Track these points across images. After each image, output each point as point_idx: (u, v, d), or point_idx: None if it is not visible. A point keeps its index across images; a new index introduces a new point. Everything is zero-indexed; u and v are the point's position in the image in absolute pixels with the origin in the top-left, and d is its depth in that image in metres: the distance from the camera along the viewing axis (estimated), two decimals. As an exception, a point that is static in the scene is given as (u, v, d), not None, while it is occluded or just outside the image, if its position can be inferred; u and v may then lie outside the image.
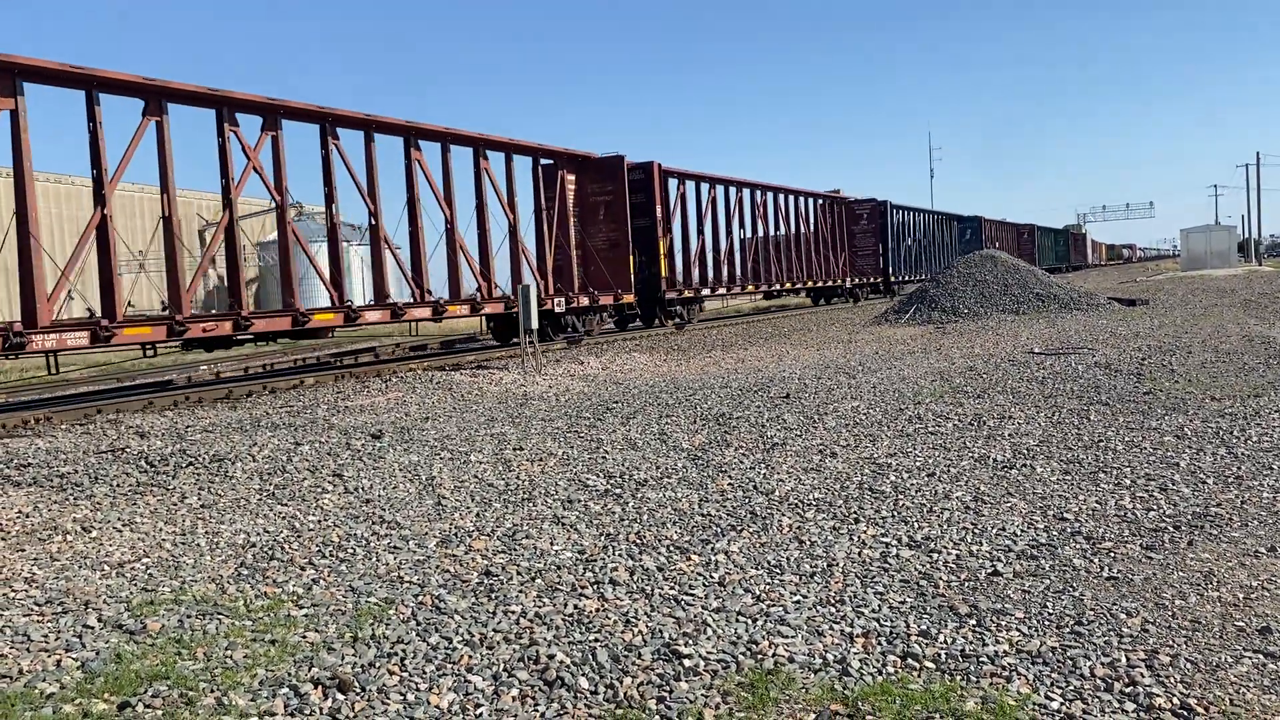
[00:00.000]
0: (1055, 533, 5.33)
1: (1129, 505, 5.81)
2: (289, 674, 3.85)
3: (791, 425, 9.05)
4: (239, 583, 5.09)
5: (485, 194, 19.12)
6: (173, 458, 8.47)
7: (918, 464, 7.19)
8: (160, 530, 6.27)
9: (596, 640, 4.07)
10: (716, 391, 11.73)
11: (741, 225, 30.20)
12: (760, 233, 31.58)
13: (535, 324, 16.51)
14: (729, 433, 8.84)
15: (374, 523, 6.23)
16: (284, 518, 6.47)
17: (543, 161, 21.38)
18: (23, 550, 5.92)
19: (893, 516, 5.80)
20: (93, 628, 4.46)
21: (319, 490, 7.24)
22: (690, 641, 4.00)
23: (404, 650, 4.05)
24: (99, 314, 13.00)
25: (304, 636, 4.26)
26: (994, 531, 5.39)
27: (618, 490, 6.81)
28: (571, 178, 22.05)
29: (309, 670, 3.87)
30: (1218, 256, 56.11)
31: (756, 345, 19.03)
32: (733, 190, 29.63)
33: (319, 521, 6.33)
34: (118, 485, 7.60)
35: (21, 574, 5.39)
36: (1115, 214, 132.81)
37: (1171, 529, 5.30)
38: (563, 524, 5.98)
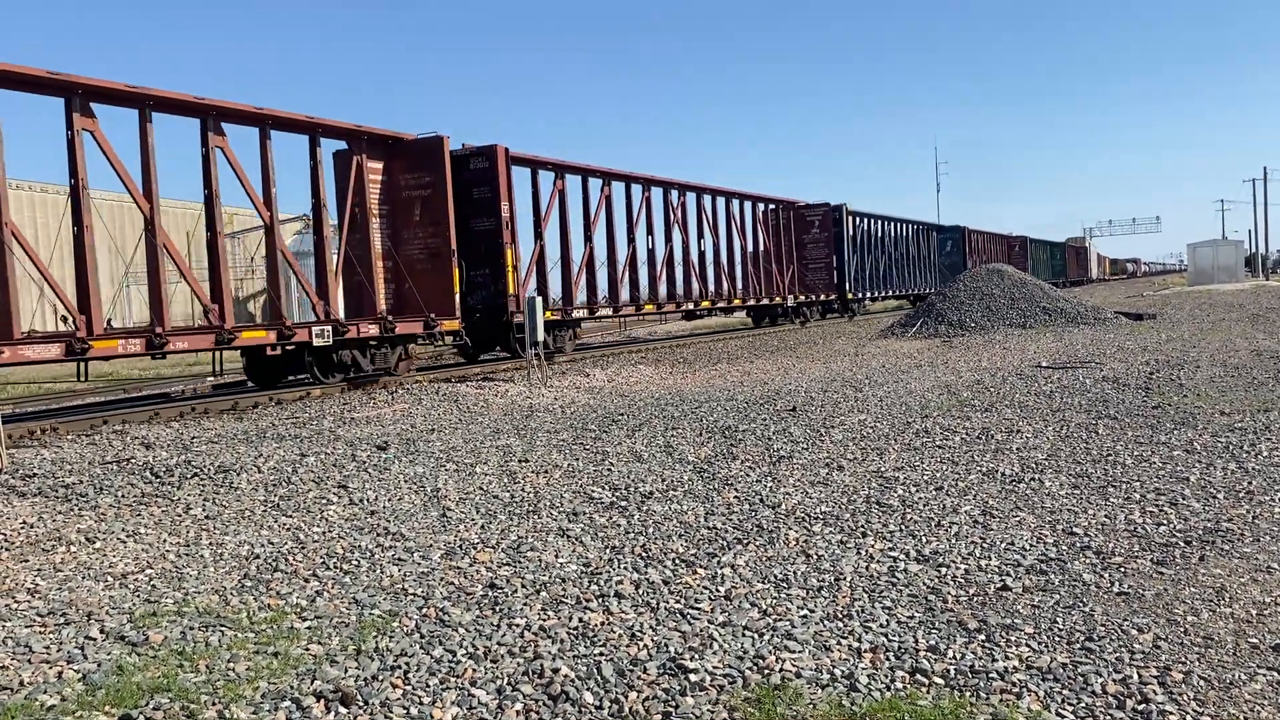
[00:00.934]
0: (1065, 547, 5.28)
1: (1139, 520, 5.76)
2: (291, 687, 3.81)
3: (798, 438, 9.01)
4: (242, 594, 5.06)
5: (217, 184, 13.83)
6: (178, 468, 8.45)
7: (925, 478, 7.14)
8: (164, 541, 6.25)
9: (601, 654, 4.04)
10: (722, 404, 11.69)
11: (651, 232, 24.85)
12: (680, 241, 26.42)
13: (541, 335, 16.51)
14: (735, 445, 8.80)
15: (379, 534, 6.20)
16: (288, 529, 6.45)
17: (325, 141, 15.73)
18: (26, 561, 5.90)
19: (900, 530, 5.75)
20: (95, 639, 4.43)
21: (324, 501, 7.22)
22: (696, 656, 3.96)
23: (407, 663, 4.02)
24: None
25: (307, 649, 4.23)
26: (1003, 546, 5.35)
27: (623, 503, 6.78)
28: (376, 166, 16.72)
29: (311, 683, 3.84)
30: (1225, 271, 55.95)
31: (763, 358, 18.99)
32: (637, 189, 24.26)
33: (323, 533, 6.31)
34: (122, 496, 7.59)
35: (24, 585, 5.37)
36: (1121, 228, 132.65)
37: (1182, 544, 5.25)
38: (568, 536, 5.94)
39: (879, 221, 41.19)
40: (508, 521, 6.40)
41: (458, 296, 17.39)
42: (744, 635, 4.18)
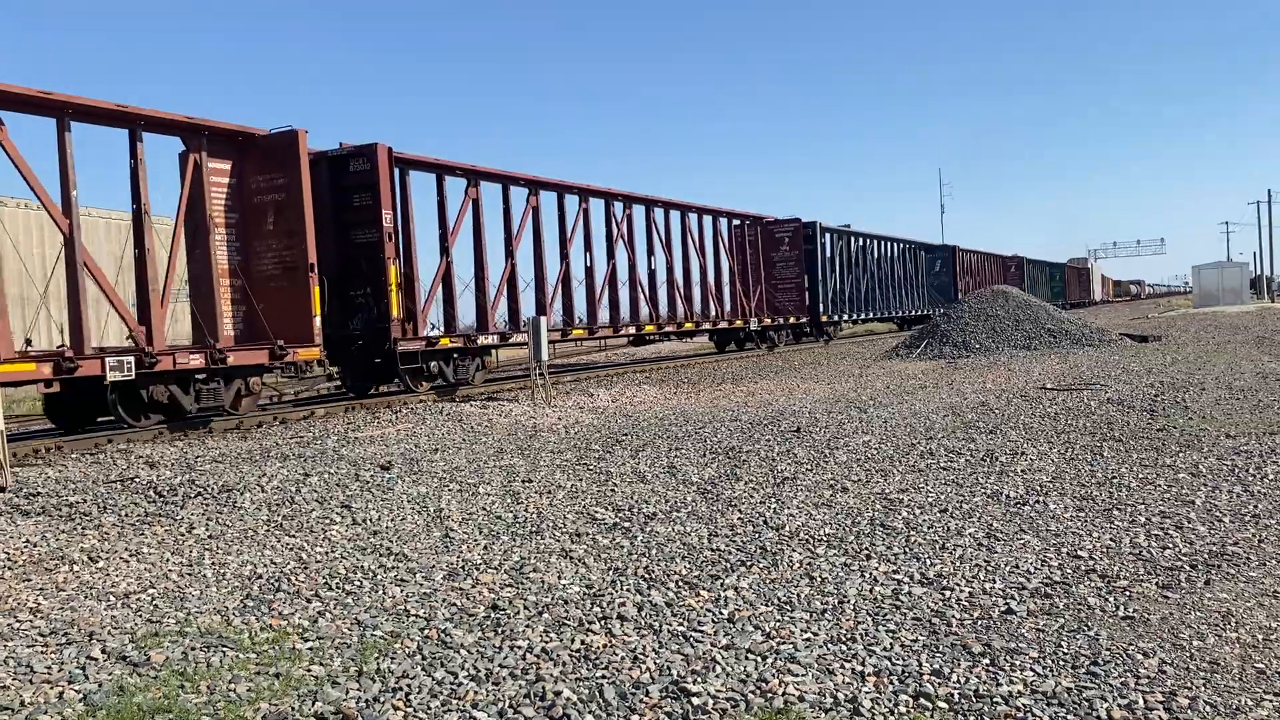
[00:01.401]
0: (1069, 570, 5.26)
1: (1144, 543, 5.73)
2: (293, 708, 3.80)
3: (802, 459, 9.00)
4: (244, 614, 5.06)
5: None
6: (181, 488, 8.46)
7: (930, 500, 7.12)
8: (167, 560, 6.24)
9: (604, 677, 4.02)
10: (726, 425, 11.68)
11: (589, 249, 22.09)
12: (625, 259, 23.56)
13: (545, 355, 16.52)
14: (739, 466, 8.79)
15: (381, 555, 6.19)
16: (291, 549, 6.44)
17: (165, 139, 13.35)
18: (29, 580, 5.90)
19: (905, 553, 5.73)
20: (96, 659, 4.43)
21: (327, 521, 7.21)
22: (699, 679, 3.95)
23: (409, 685, 4.01)
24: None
25: (308, 670, 4.22)
26: (1007, 569, 5.33)
27: (626, 524, 6.76)
28: (221, 166, 13.82)
29: (313, 704, 3.83)
30: (1230, 293, 55.87)
31: (767, 378, 18.99)
32: (573, 200, 21.56)
33: (326, 553, 6.30)
34: (126, 515, 7.59)
35: (27, 604, 5.36)
36: (1126, 250, 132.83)
37: (1188, 568, 5.23)
38: (570, 558, 5.93)
39: (859, 239, 38.74)
40: (510, 542, 6.39)
41: (317, 320, 14.17)
42: (747, 658, 4.17)
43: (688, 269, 26.40)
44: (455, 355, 17.80)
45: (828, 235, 35.33)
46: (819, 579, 5.28)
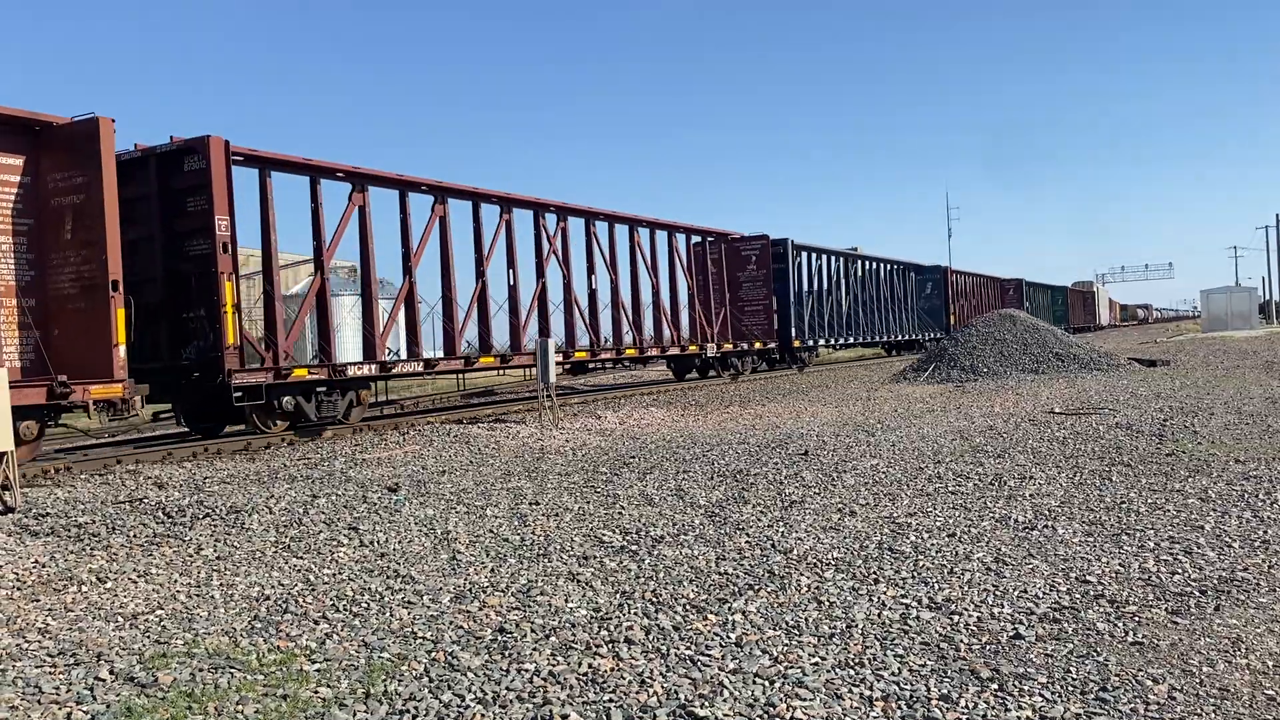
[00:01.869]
0: (1078, 595, 5.24)
1: (1153, 568, 5.71)
2: (300, 730, 3.80)
3: (810, 483, 8.99)
4: (252, 636, 5.06)
5: None
6: (190, 509, 8.48)
7: (938, 524, 7.11)
8: (175, 581, 6.25)
9: (611, 700, 4.01)
10: (734, 447, 11.68)
11: (513, 266, 19.65)
12: (560, 278, 21.29)
13: (553, 378, 16.55)
14: (746, 490, 8.78)
15: (388, 577, 6.20)
16: (299, 570, 6.45)
17: None
18: (37, 600, 5.91)
19: (913, 577, 5.72)
20: (104, 680, 4.43)
21: (334, 543, 7.22)
22: (706, 703, 3.94)
23: (416, 708, 4.00)
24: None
25: (316, 692, 4.22)
26: (1015, 593, 5.31)
27: (634, 547, 6.76)
28: (12, 162, 11.47)
29: (320, 727, 3.83)
30: (1239, 318, 55.76)
31: (775, 401, 18.98)
32: (491, 210, 19.11)
33: (334, 575, 6.31)
34: (134, 536, 7.61)
35: (35, 624, 5.38)
36: (1134, 274, 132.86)
37: (1197, 593, 5.20)
38: (578, 581, 5.93)
39: (837, 258, 36.58)
40: (518, 565, 6.39)
41: (121, 350, 11.51)
42: (755, 682, 4.16)
43: (636, 290, 24.07)
44: (320, 389, 15.21)
45: (802, 254, 33.12)
46: (827, 603, 5.27)
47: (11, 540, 7.57)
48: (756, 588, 5.61)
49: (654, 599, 5.47)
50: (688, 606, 5.30)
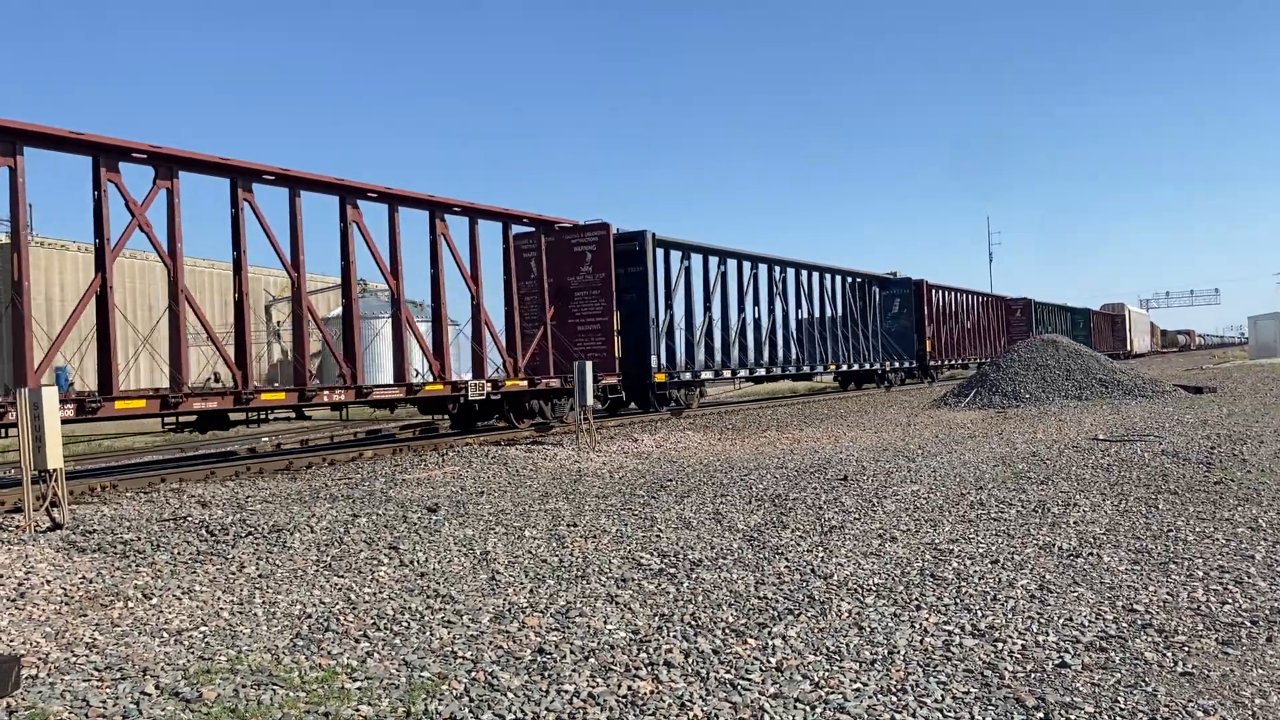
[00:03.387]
0: (1125, 624, 5.16)
1: (1202, 598, 5.60)
2: (341, 747, 3.82)
3: (850, 508, 8.92)
4: (294, 653, 5.10)
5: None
6: (233, 527, 8.57)
7: (980, 550, 7.03)
8: (219, 599, 6.32)
9: (651, 723, 4.00)
10: (772, 472, 11.62)
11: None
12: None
13: (590, 399, 16.58)
14: (785, 514, 8.73)
15: (428, 596, 6.22)
16: (340, 589, 6.49)
17: None
18: (85, 615, 6.00)
19: (955, 604, 5.65)
20: (150, 694, 4.49)
21: (375, 562, 7.27)
22: (747, 727, 3.91)
23: (456, 727, 4.01)
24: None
25: (357, 710, 4.24)
26: (1061, 621, 5.23)
27: (672, 570, 6.74)
28: None
29: (361, 744, 3.85)
30: (1288, 344, 54.67)
31: (813, 426, 18.87)
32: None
33: (374, 594, 6.34)
34: (178, 553, 7.70)
35: (83, 639, 5.46)
36: (1180, 299, 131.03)
37: (1249, 624, 5.10)
38: (616, 603, 5.92)
39: (754, 264, 27.55)
40: (556, 586, 6.39)
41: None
42: (795, 708, 4.12)
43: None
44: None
45: (672, 254, 24.05)
46: (868, 629, 5.22)
47: (60, 556, 7.70)
48: (796, 612, 5.57)
49: (693, 622, 5.44)
50: (727, 630, 5.28)
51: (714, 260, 25.99)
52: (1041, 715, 3.97)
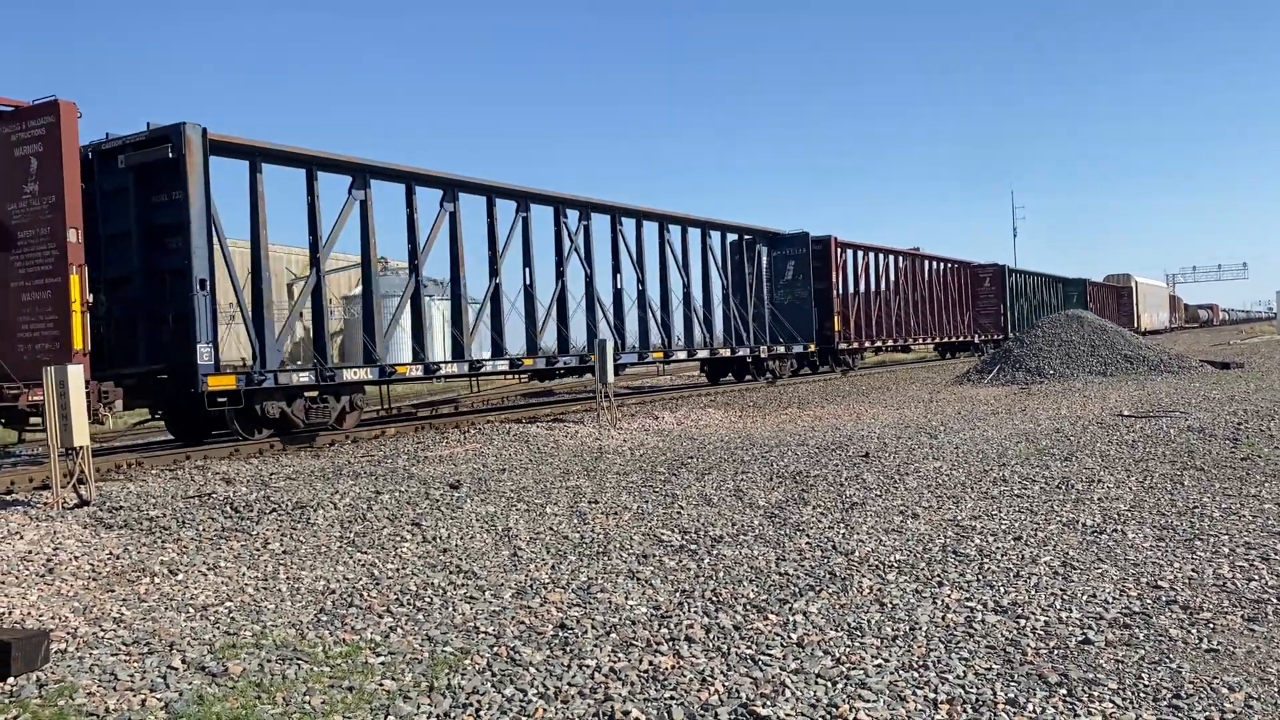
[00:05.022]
0: (1149, 601, 5.12)
1: (1228, 575, 5.56)
2: (365, 721, 3.86)
3: (871, 485, 8.90)
4: (318, 628, 5.14)
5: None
6: (257, 504, 8.64)
7: (1003, 527, 6.99)
8: (243, 575, 6.38)
9: (672, 698, 4.01)
10: (793, 449, 11.60)
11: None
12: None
13: (611, 377, 16.58)
14: (806, 491, 8.72)
15: (451, 572, 6.26)
16: (363, 565, 6.54)
17: None
18: (112, 591, 6.07)
19: (977, 580, 5.63)
20: (177, 669, 4.54)
21: (398, 539, 7.31)
22: (768, 702, 3.92)
23: (479, 701, 4.04)
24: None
25: (381, 684, 4.28)
26: (1084, 598, 5.20)
27: (693, 546, 6.75)
28: None
29: (385, 718, 3.89)
30: (1317, 319, 53.91)
31: (834, 403, 18.82)
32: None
33: (397, 570, 6.39)
34: (203, 530, 7.78)
35: (111, 614, 5.52)
36: (1207, 274, 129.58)
37: (1275, 600, 5.05)
38: (638, 579, 5.93)
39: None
40: (578, 562, 6.41)
41: None
42: (817, 683, 4.12)
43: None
44: None
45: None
46: (890, 605, 5.21)
47: (87, 532, 7.79)
48: (818, 588, 5.57)
49: (714, 598, 5.45)
50: (748, 606, 5.28)
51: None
52: (1065, 692, 3.95)
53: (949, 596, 5.32)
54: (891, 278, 34.26)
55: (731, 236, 25.95)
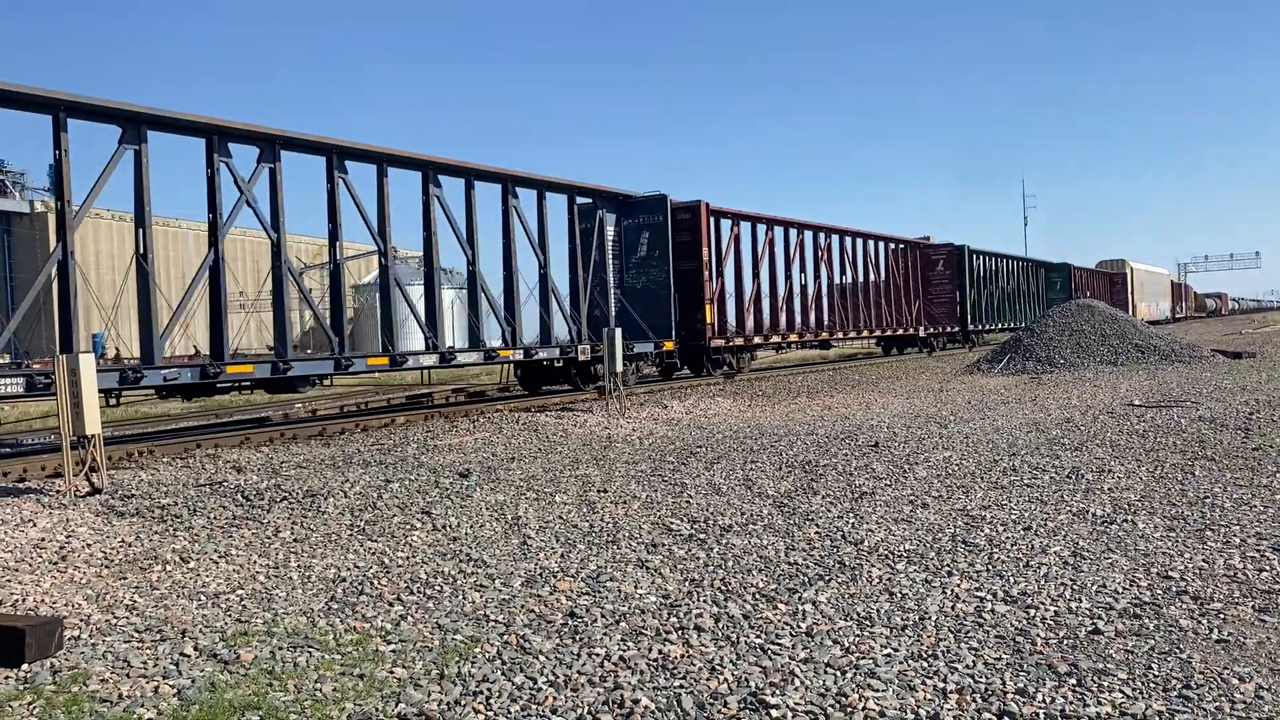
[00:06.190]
0: (1160, 591, 5.11)
1: (1239, 565, 5.54)
2: (376, 709, 3.88)
3: (880, 474, 8.89)
4: (329, 616, 5.17)
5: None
6: (267, 492, 8.68)
7: (1013, 517, 6.98)
8: (254, 562, 6.41)
9: (681, 686, 4.02)
10: (802, 438, 11.60)
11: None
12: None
13: (620, 367, 16.58)
14: (815, 480, 8.72)
15: (461, 560, 6.28)
16: (374, 553, 6.57)
17: None
18: (125, 578, 6.11)
19: (987, 570, 5.63)
20: (189, 656, 4.57)
21: (408, 527, 7.34)
22: (777, 691, 3.92)
23: (489, 689, 4.06)
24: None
25: (391, 672, 4.30)
26: (1094, 588, 5.19)
27: (702, 535, 6.76)
28: None
29: (396, 705, 3.90)
30: (1330, 308, 53.37)
31: (843, 392, 18.80)
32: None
33: (407, 558, 6.41)
34: (215, 518, 7.81)
35: (123, 601, 5.56)
36: (1218, 264, 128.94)
37: (1286, 591, 5.04)
38: (647, 568, 5.94)
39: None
40: (587, 551, 6.43)
41: None
42: (826, 672, 4.13)
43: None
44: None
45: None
46: (899, 594, 5.21)
47: (99, 520, 7.83)
48: (827, 578, 5.57)
49: (723, 587, 5.46)
50: (757, 595, 5.29)
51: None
52: (1074, 681, 3.95)
53: (958, 586, 5.32)
54: (806, 258, 27.98)
55: (582, 200, 20.55)
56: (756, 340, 25.37)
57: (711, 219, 23.54)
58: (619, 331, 16.89)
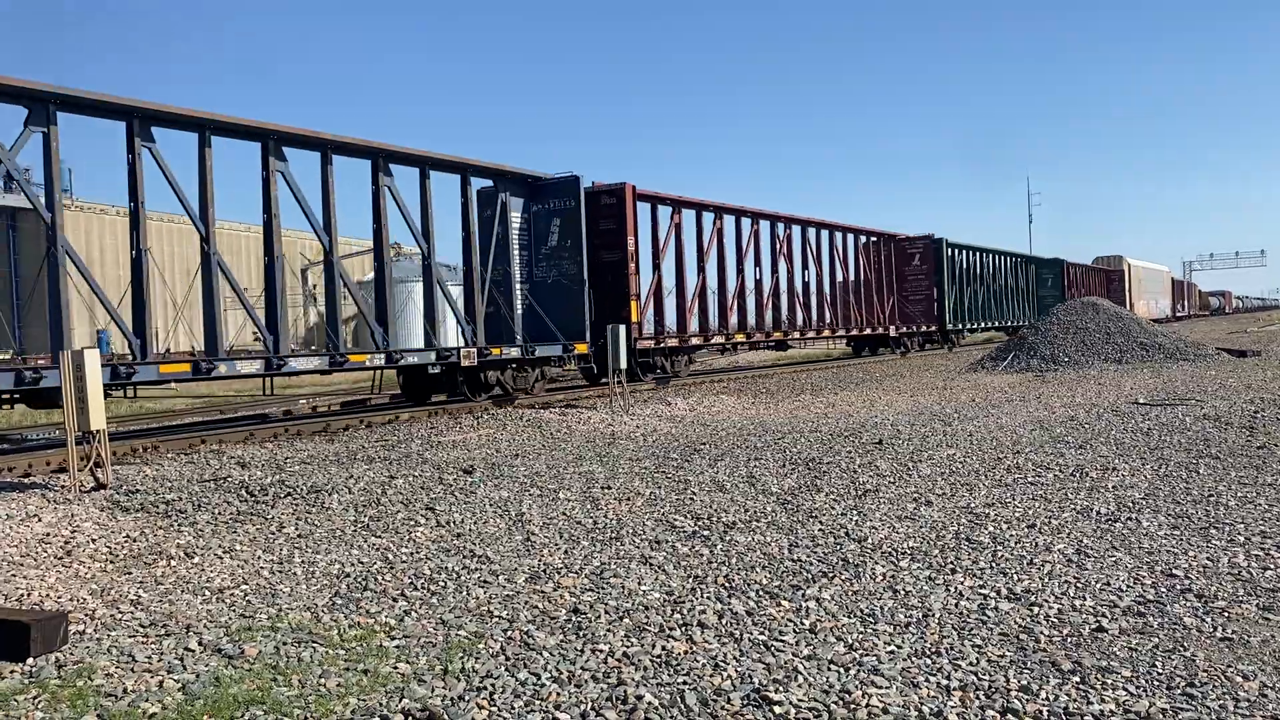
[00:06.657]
0: (1164, 589, 5.11)
1: (1243, 563, 5.54)
2: (380, 704, 3.89)
3: (884, 472, 8.89)
4: (333, 612, 5.18)
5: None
6: (272, 488, 8.69)
7: (1017, 515, 6.98)
8: (259, 558, 6.42)
9: (685, 683, 4.02)
10: (806, 435, 11.59)
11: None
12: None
13: (624, 362, 16.57)
14: (819, 478, 8.72)
15: (465, 557, 6.29)
16: (378, 549, 6.58)
17: None
18: (129, 574, 6.12)
19: (991, 568, 5.63)
20: (193, 651, 4.58)
21: (412, 523, 7.35)
22: (780, 688, 3.93)
23: (493, 685, 4.06)
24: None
25: (395, 667, 4.31)
26: (1098, 586, 5.19)
27: (705, 532, 6.76)
28: None
29: (400, 701, 3.91)
30: (1335, 307, 53.24)
31: (847, 390, 18.79)
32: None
33: (411, 554, 6.42)
34: (219, 513, 7.83)
35: (128, 596, 5.57)
36: (1224, 262, 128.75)
37: (1291, 590, 5.03)
38: (650, 564, 5.95)
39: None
40: (590, 548, 6.43)
41: None
42: (829, 669, 4.13)
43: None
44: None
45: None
46: (902, 592, 5.21)
47: (104, 515, 7.85)
48: (831, 575, 5.57)
49: (727, 584, 5.46)
50: (761, 592, 5.29)
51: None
52: (1078, 679, 3.95)
53: (962, 584, 5.32)
54: (763, 250, 25.11)
55: (482, 183, 17.93)
56: (695, 341, 22.65)
57: (641, 205, 20.71)
58: (623, 329, 16.88)
